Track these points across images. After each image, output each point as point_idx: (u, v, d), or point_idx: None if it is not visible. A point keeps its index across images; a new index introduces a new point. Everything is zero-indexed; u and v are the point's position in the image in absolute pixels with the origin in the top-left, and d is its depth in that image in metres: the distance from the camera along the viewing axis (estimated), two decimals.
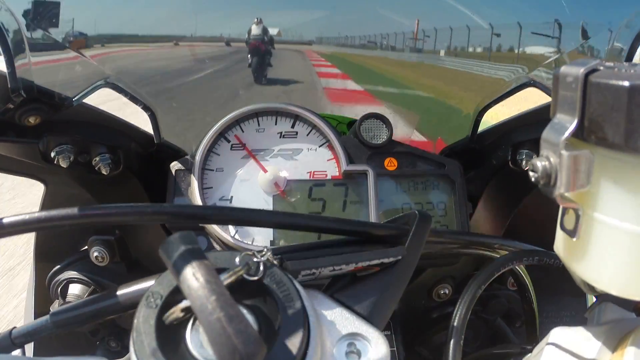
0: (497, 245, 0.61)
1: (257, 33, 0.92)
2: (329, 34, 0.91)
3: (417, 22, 0.82)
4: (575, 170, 0.29)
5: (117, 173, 0.69)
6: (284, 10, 0.93)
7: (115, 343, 0.74)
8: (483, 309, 0.79)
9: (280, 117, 0.76)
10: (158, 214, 0.42)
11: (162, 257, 0.33)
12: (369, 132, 0.76)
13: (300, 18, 0.92)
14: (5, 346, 0.42)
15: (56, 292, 0.71)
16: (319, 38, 0.90)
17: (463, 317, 0.51)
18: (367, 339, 0.38)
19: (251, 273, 0.35)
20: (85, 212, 0.39)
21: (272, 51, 0.93)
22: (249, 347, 0.27)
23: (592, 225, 0.30)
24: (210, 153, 0.73)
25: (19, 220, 0.38)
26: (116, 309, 0.44)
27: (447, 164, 0.77)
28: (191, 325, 0.33)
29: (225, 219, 0.46)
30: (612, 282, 0.30)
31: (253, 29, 0.92)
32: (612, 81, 0.27)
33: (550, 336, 0.38)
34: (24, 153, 0.64)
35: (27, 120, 0.58)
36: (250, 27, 0.92)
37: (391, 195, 0.75)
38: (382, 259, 0.44)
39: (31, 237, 0.71)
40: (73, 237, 0.74)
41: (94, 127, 0.68)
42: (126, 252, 0.73)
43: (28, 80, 0.55)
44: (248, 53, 0.94)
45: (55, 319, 0.43)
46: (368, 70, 1.04)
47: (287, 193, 0.73)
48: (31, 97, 0.55)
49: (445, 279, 0.80)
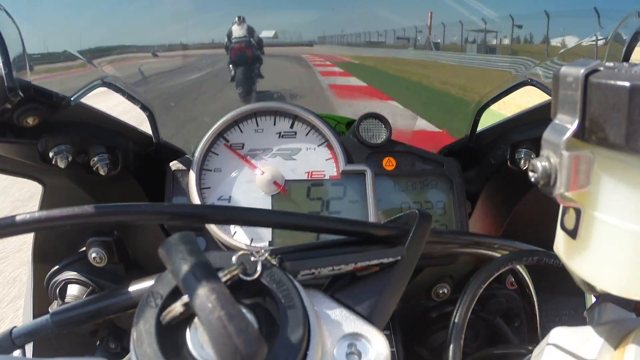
0: (496, 245, 0.61)
1: (241, 35, 0.72)
2: (329, 33, 0.81)
3: (430, 15, 0.78)
4: (576, 170, 0.29)
5: (115, 173, 0.69)
6: (280, 10, 0.79)
7: (114, 344, 0.73)
8: (482, 309, 0.79)
9: (279, 117, 0.76)
10: (156, 214, 0.42)
11: (161, 257, 0.33)
12: (368, 132, 0.76)
13: (299, 18, 0.80)
14: (6, 346, 0.42)
15: (54, 292, 0.71)
16: (321, 38, 0.78)
17: (463, 316, 0.51)
18: (367, 339, 0.38)
19: (248, 272, 0.35)
20: (83, 212, 0.39)
21: (261, 57, 0.75)
22: (249, 347, 0.27)
23: (593, 224, 0.30)
24: (209, 153, 0.73)
25: (17, 220, 0.38)
26: (116, 309, 0.44)
27: (445, 164, 0.77)
28: (191, 325, 0.33)
29: (223, 219, 0.46)
30: (612, 281, 0.30)
31: (234, 31, 0.72)
32: (612, 81, 0.27)
33: (550, 336, 0.38)
34: (22, 153, 0.63)
35: (25, 121, 0.57)
36: (231, 29, 0.72)
37: (390, 195, 0.75)
38: (382, 259, 0.44)
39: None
40: (71, 238, 0.74)
41: (92, 127, 0.68)
42: (124, 253, 0.73)
43: (25, 80, 0.54)
44: (229, 62, 0.75)
45: (55, 318, 0.43)
46: (377, 70, 1.02)
47: (286, 192, 0.72)
48: (29, 97, 0.55)
49: (444, 278, 0.80)
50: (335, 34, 0.83)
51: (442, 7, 0.78)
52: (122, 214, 0.40)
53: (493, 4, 0.77)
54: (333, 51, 0.85)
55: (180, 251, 0.32)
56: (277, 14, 0.79)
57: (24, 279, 2.51)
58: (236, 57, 0.72)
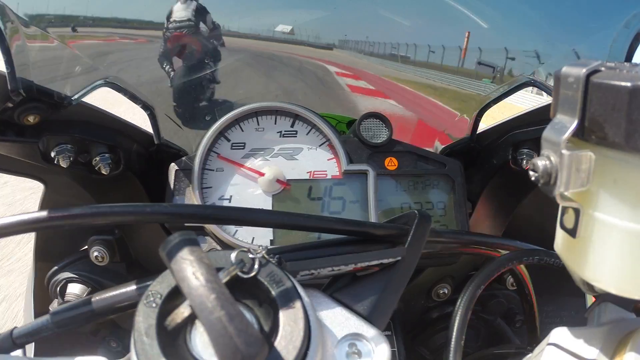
0: (497, 245, 0.61)
1: (183, 17, 0.48)
2: (332, 35, 0.72)
3: (468, 35, 0.75)
4: (576, 169, 0.29)
5: (117, 173, 0.69)
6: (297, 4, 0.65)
7: (115, 343, 0.74)
8: (483, 309, 0.79)
9: (279, 116, 0.76)
10: (157, 214, 0.42)
11: (162, 257, 0.33)
12: (369, 132, 0.76)
13: (318, 16, 0.68)
14: (7, 346, 0.42)
15: (55, 291, 0.71)
16: (342, 42, 0.67)
17: (463, 316, 0.51)
18: (368, 340, 0.38)
19: (245, 270, 0.35)
20: (85, 212, 0.39)
21: (219, 53, 0.53)
22: (250, 347, 0.27)
23: (592, 224, 0.30)
24: (210, 153, 0.73)
25: (18, 220, 0.38)
26: (117, 308, 0.44)
27: (447, 164, 0.77)
28: (192, 325, 0.33)
29: (224, 219, 0.46)
30: (612, 281, 0.30)
31: (175, 11, 0.48)
32: (613, 82, 0.27)
33: (550, 336, 0.38)
34: (24, 153, 0.64)
35: (26, 119, 0.58)
36: (172, 8, 0.49)
37: (391, 195, 0.75)
38: (382, 259, 0.44)
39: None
40: (73, 236, 0.74)
41: (94, 126, 0.68)
42: (126, 252, 0.73)
43: (27, 79, 0.55)
44: (160, 56, 0.50)
45: (56, 318, 0.43)
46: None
47: (284, 194, 0.72)
48: (31, 97, 0.55)
49: (444, 278, 0.80)
50: (358, 39, 0.75)
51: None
52: (122, 214, 0.41)
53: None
54: (354, 60, 0.75)
55: (180, 250, 0.32)
56: (293, 8, 0.64)
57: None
58: (174, 48, 0.50)
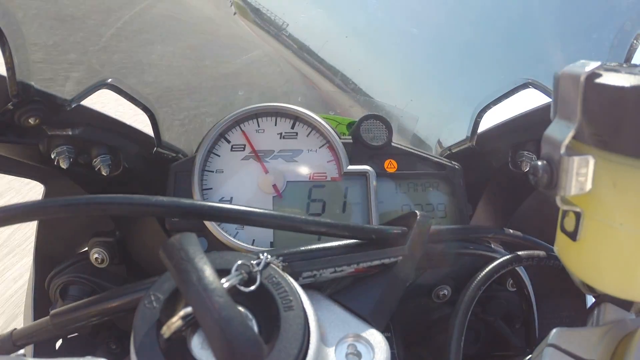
0: (497, 236, 0.61)
1: None
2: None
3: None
4: (576, 172, 0.29)
5: (117, 174, 0.69)
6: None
7: (115, 345, 0.73)
8: (483, 310, 0.79)
9: (280, 117, 0.76)
10: (154, 206, 0.41)
11: (162, 258, 0.33)
12: (369, 133, 0.76)
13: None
14: (7, 348, 0.42)
15: (55, 293, 0.71)
16: None
17: (463, 318, 0.51)
18: (367, 341, 0.38)
19: (247, 273, 0.35)
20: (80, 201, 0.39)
21: None
22: (249, 350, 0.27)
23: (592, 227, 0.30)
24: (211, 154, 0.73)
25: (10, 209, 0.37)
26: (116, 310, 0.44)
27: (447, 166, 0.77)
28: (192, 327, 0.33)
29: (222, 216, 0.45)
30: (612, 283, 0.30)
31: None
32: (613, 83, 0.27)
33: (550, 337, 0.38)
34: (24, 154, 0.64)
35: (27, 121, 0.58)
36: None
37: (391, 197, 0.75)
38: (382, 259, 0.44)
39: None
40: (73, 239, 0.74)
41: (94, 128, 0.68)
42: (126, 254, 0.73)
43: (27, 82, 0.55)
44: None
45: (56, 320, 0.43)
46: None
47: (284, 195, 0.72)
48: (31, 99, 0.55)
49: (445, 279, 0.80)
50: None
51: None
52: (116, 204, 0.40)
53: None
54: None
55: (180, 252, 0.32)
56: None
57: None
58: None
